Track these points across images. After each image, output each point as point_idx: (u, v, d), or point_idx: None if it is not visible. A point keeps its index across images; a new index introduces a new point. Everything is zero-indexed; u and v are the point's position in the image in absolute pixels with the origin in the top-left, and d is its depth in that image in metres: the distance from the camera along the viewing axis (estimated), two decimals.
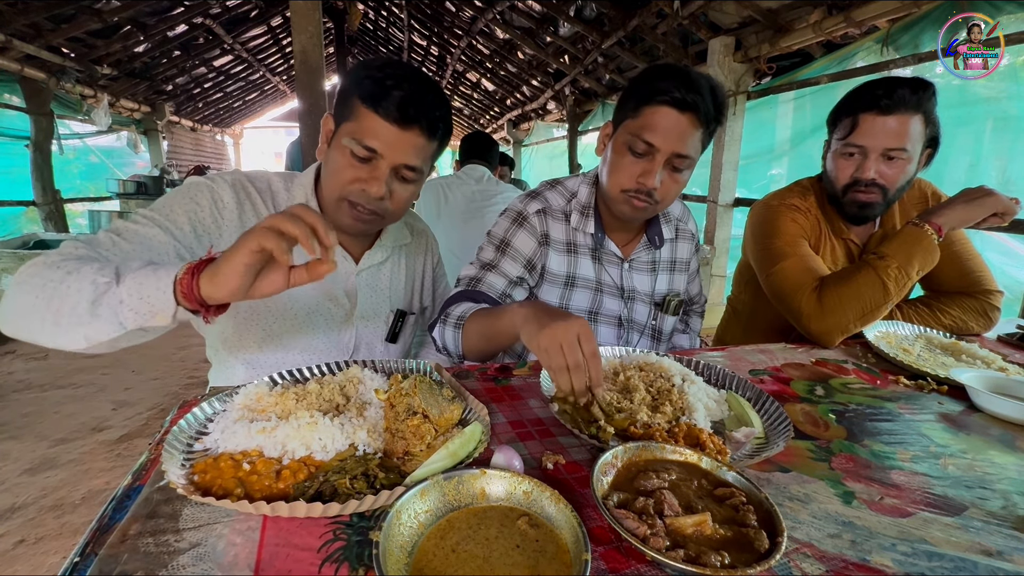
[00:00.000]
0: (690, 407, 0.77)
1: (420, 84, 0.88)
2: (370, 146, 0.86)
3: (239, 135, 12.83)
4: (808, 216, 1.33)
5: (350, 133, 0.87)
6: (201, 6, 5.40)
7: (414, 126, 0.87)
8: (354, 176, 0.89)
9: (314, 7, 3.41)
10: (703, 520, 0.51)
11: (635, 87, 1.01)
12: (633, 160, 1.00)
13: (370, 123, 0.86)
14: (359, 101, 0.87)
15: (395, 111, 0.85)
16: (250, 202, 0.98)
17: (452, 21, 6.76)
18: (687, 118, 0.95)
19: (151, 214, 0.87)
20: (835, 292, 1.15)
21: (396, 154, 0.88)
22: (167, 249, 0.84)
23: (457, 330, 1.00)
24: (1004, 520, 0.59)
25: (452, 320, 1.02)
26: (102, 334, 0.66)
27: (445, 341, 1.03)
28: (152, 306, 0.64)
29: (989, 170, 2.43)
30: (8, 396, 2.85)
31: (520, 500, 0.54)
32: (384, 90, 0.84)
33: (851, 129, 1.18)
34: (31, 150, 4.67)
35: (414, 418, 0.65)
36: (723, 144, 3.78)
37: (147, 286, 0.64)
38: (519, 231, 1.13)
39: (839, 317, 1.14)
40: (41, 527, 1.85)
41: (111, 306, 0.64)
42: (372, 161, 0.88)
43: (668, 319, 1.24)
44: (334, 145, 0.92)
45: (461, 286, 1.11)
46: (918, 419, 0.85)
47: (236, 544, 0.50)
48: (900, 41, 2.68)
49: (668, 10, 3.72)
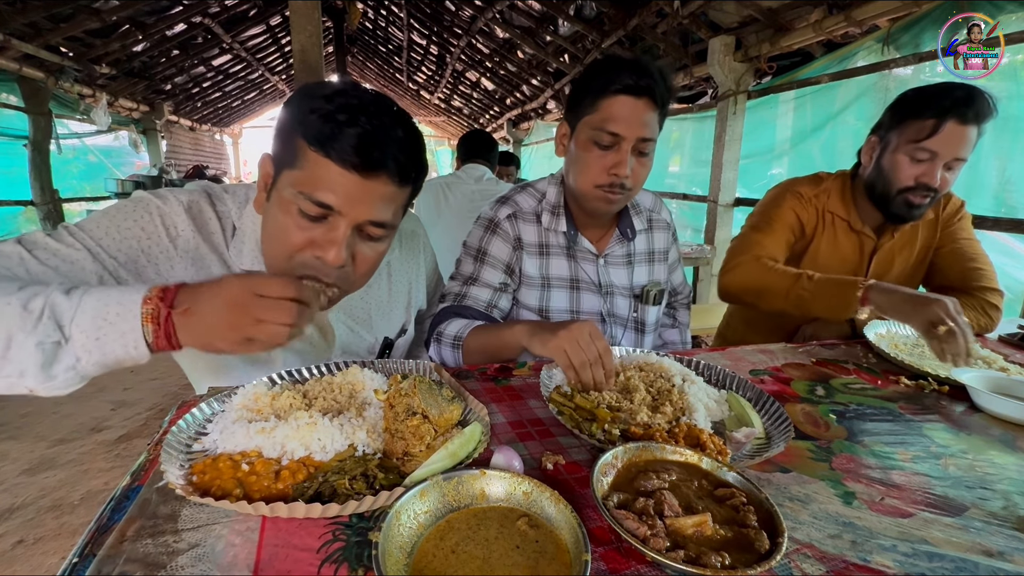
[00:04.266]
0: (690, 407, 0.77)
1: (383, 116, 0.69)
2: (323, 201, 0.68)
3: (238, 135, 12.83)
4: (807, 205, 1.38)
5: (295, 184, 0.68)
6: (200, 5, 5.39)
7: (380, 172, 0.69)
8: (304, 240, 0.70)
9: (313, 6, 3.41)
10: (703, 521, 0.51)
11: (586, 83, 1.02)
12: (600, 154, 1.02)
13: (321, 172, 0.67)
14: (305, 144, 0.68)
15: (353, 155, 0.66)
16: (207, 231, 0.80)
17: (452, 20, 6.75)
18: (644, 102, 0.98)
19: (81, 234, 0.71)
20: (758, 267, 1.29)
21: (358, 209, 0.69)
22: (89, 279, 0.70)
23: (456, 350, 1.02)
24: (1005, 520, 0.59)
25: (448, 340, 1.03)
26: (59, 390, 0.59)
27: (443, 359, 1.05)
28: (119, 358, 0.57)
29: (989, 170, 2.43)
30: (7, 396, 2.84)
31: (520, 501, 0.54)
32: (337, 127, 0.66)
33: (931, 133, 1.15)
34: (29, 149, 4.66)
35: (414, 418, 0.65)
36: (723, 144, 3.78)
37: (108, 339, 0.55)
38: (493, 238, 1.14)
39: (742, 278, 1.31)
40: (40, 528, 1.85)
41: (67, 366, 0.57)
42: (328, 220, 0.70)
43: (650, 310, 1.24)
44: (274, 199, 0.72)
45: (447, 302, 1.12)
46: (919, 419, 0.84)
47: (235, 545, 0.49)
48: (900, 41, 2.68)
49: (668, 9, 3.72)
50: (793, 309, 1.23)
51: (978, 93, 1.13)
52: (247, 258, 0.82)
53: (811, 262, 1.39)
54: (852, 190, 1.38)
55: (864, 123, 3.04)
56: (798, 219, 1.38)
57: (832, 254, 1.38)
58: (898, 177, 1.22)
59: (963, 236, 1.36)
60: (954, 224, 1.37)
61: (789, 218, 1.37)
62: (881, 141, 1.27)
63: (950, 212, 1.38)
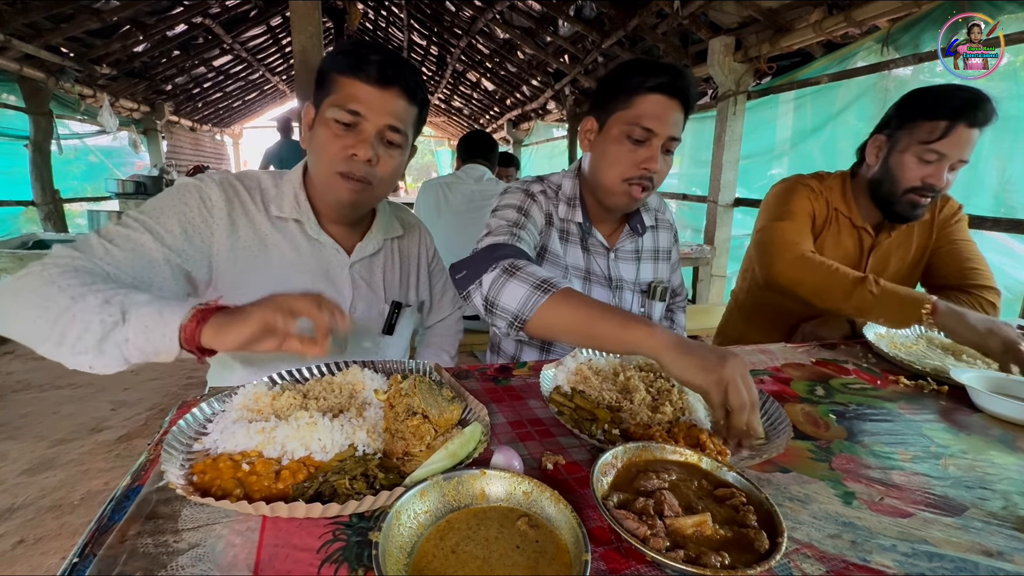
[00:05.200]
0: (690, 407, 0.77)
1: (394, 52, 0.93)
2: (354, 109, 0.89)
3: (239, 135, 12.82)
4: (819, 198, 1.38)
5: (333, 103, 0.90)
6: (200, 6, 5.39)
7: (394, 86, 0.90)
8: (341, 145, 0.91)
9: (314, 7, 3.40)
10: (703, 521, 0.51)
11: (622, 80, 1.04)
12: (632, 148, 1.04)
13: (351, 89, 0.89)
14: (338, 74, 0.90)
15: (375, 72, 0.88)
16: (239, 200, 0.98)
17: (452, 21, 6.75)
18: (676, 103, 1.03)
19: (142, 218, 0.87)
20: (816, 264, 1.24)
21: (379, 115, 0.90)
22: (157, 256, 0.85)
23: (542, 294, 0.80)
24: (1005, 520, 0.59)
25: (531, 280, 0.82)
26: (107, 368, 0.67)
27: (502, 296, 0.84)
28: (156, 348, 0.65)
29: (989, 170, 2.43)
30: (7, 396, 2.84)
31: (520, 500, 0.54)
32: (362, 57, 0.89)
33: (941, 135, 1.16)
34: (30, 150, 4.66)
35: (414, 418, 0.65)
36: (723, 144, 3.78)
37: (153, 329, 0.64)
38: (532, 204, 1.12)
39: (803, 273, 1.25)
40: (40, 528, 1.84)
41: (117, 344, 0.65)
42: (357, 126, 0.91)
43: (656, 305, 1.27)
44: (318, 122, 0.94)
45: (500, 236, 0.97)
46: (918, 419, 0.85)
47: (235, 545, 0.49)
48: (900, 41, 2.68)
49: (668, 10, 3.72)
50: (852, 311, 1.21)
51: (984, 97, 1.14)
52: (287, 206, 1.01)
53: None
54: (852, 188, 1.39)
55: (864, 123, 3.04)
56: (813, 209, 1.39)
57: (835, 249, 1.40)
58: (905, 177, 1.23)
59: (960, 237, 1.37)
60: (951, 226, 1.38)
61: (807, 209, 1.38)
62: (889, 140, 1.27)
63: (947, 214, 1.39)
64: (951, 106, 1.15)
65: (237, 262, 0.96)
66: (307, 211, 1.01)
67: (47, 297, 0.67)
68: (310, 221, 1.01)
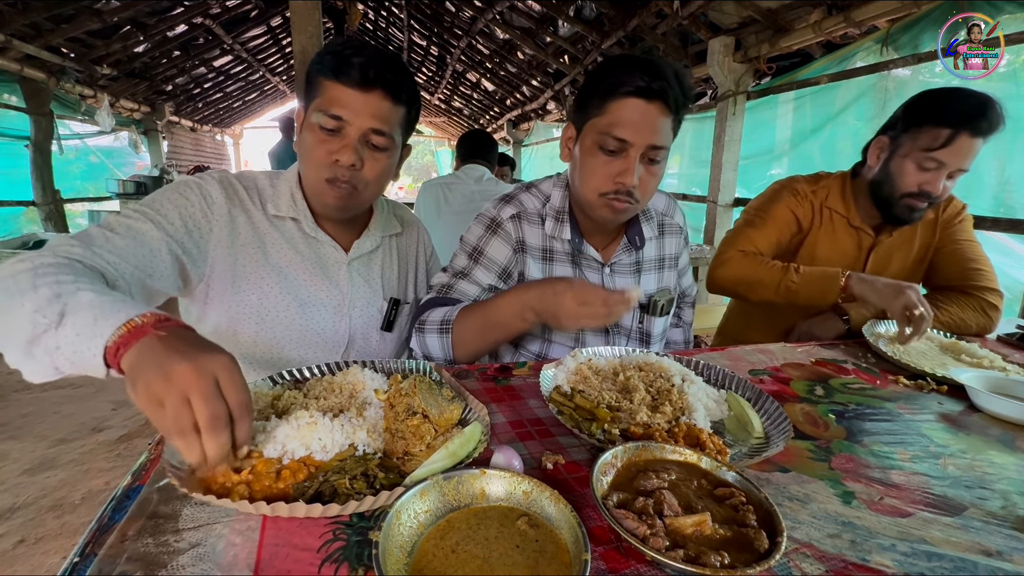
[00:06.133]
0: (690, 407, 0.77)
1: (379, 52, 0.91)
2: (335, 114, 0.88)
3: (239, 135, 12.82)
4: (803, 201, 1.41)
5: (316, 108, 0.89)
6: (201, 6, 5.39)
7: (376, 88, 0.88)
8: (325, 151, 0.90)
9: (314, 7, 3.40)
10: (703, 520, 0.51)
11: (595, 83, 0.95)
12: (606, 160, 0.95)
13: (333, 92, 0.88)
14: (322, 77, 0.90)
15: (356, 75, 0.87)
16: (238, 198, 0.99)
17: (452, 21, 6.76)
18: (655, 107, 0.91)
19: (142, 208, 0.88)
20: (748, 260, 1.35)
21: (362, 119, 0.89)
22: (159, 245, 0.85)
23: (444, 335, 0.98)
24: (1004, 520, 0.59)
25: (434, 327, 0.99)
26: (34, 375, 0.59)
27: (428, 349, 1.00)
28: (86, 364, 0.56)
29: (988, 170, 2.43)
30: (8, 396, 2.85)
31: (520, 500, 0.54)
32: (344, 59, 0.87)
33: (943, 144, 1.15)
34: (31, 150, 4.67)
35: (414, 418, 0.65)
36: (723, 144, 3.78)
37: (83, 339, 0.55)
38: (493, 238, 1.09)
39: (736, 271, 1.36)
40: (41, 527, 1.85)
41: (47, 351, 0.57)
42: (341, 131, 0.90)
43: (657, 321, 1.18)
44: (304, 127, 0.94)
45: (432, 293, 1.09)
46: (918, 419, 0.85)
47: (236, 544, 0.50)
48: (900, 41, 2.68)
49: (668, 10, 3.72)
50: (782, 300, 1.29)
51: (992, 105, 1.13)
52: (284, 204, 1.02)
53: (808, 256, 1.41)
54: (852, 188, 1.39)
55: (864, 123, 3.04)
56: (794, 216, 1.41)
57: (831, 249, 1.40)
58: (903, 182, 1.23)
59: (964, 237, 1.37)
60: (955, 225, 1.37)
61: (784, 215, 1.40)
62: (891, 143, 1.27)
63: (951, 214, 1.38)
64: (956, 113, 1.14)
65: (236, 259, 0.97)
66: (303, 209, 1.02)
67: (15, 282, 0.60)
68: (307, 219, 1.02)
